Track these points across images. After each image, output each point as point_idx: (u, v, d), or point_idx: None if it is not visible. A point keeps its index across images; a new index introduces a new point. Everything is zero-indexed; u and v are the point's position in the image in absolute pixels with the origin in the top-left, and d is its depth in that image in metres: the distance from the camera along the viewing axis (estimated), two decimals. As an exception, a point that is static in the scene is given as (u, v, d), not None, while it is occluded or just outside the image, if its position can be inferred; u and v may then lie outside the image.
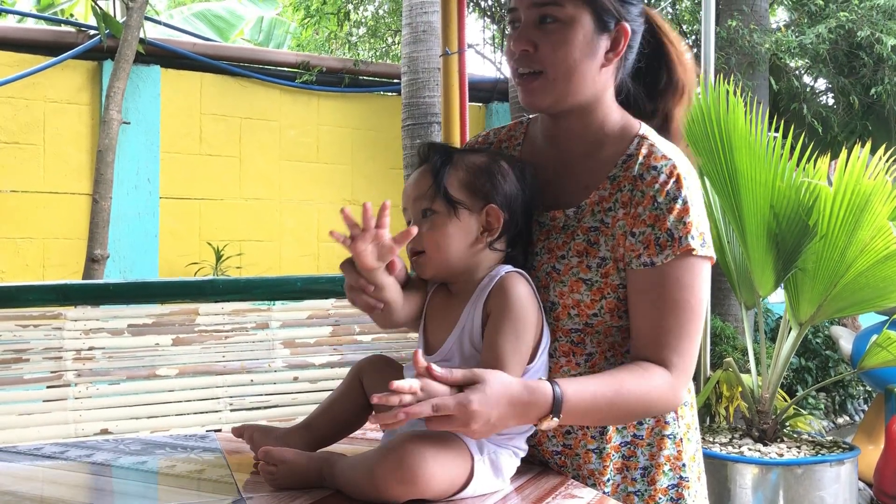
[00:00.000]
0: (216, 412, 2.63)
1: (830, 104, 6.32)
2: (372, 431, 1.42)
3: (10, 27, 5.99)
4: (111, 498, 1.26)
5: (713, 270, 1.31)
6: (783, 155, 3.03)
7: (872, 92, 5.70)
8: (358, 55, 7.69)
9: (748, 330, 3.55)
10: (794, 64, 6.21)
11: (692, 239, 1.22)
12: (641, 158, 1.27)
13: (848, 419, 6.14)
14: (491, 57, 9.50)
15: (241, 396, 2.66)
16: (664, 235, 1.22)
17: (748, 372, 3.45)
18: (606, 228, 1.27)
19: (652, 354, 1.21)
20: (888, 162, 2.98)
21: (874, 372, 3.86)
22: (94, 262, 5.15)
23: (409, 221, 1.27)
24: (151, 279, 5.17)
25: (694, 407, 1.38)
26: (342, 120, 6.52)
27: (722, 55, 5.25)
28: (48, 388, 2.46)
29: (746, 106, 3.04)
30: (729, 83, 3.11)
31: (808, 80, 6.45)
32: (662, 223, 1.23)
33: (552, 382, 1.12)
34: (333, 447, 1.30)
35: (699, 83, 3.17)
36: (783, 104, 5.96)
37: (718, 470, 3.07)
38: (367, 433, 1.42)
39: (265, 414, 2.67)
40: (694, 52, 6.09)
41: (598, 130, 1.32)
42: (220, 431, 1.67)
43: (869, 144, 3.05)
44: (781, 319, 3.47)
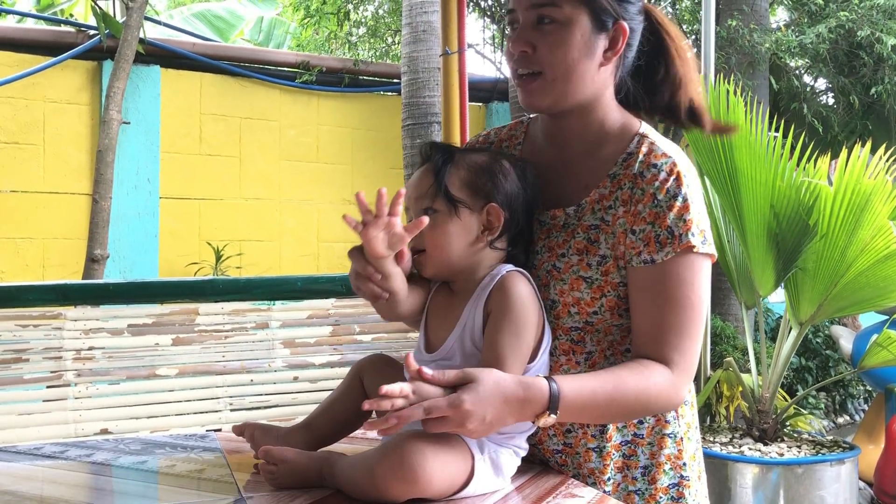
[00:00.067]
0: (216, 412, 2.63)
1: (831, 104, 6.32)
2: (372, 431, 1.42)
3: (9, 27, 5.99)
4: (111, 497, 1.26)
5: (713, 270, 1.31)
6: (783, 154, 3.03)
7: (872, 91, 5.70)
8: (358, 55, 7.69)
9: (748, 329, 3.55)
10: (794, 63, 6.21)
11: (692, 236, 1.22)
12: (642, 156, 1.27)
13: (848, 419, 6.14)
14: (491, 57, 9.50)
15: (241, 396, 2.66)
16: (664, 233, 1.22)
17: (748, 371, 3.45)
18: (607, 226, 1.27)
19: (652, 352, 1.21)
20: (888, 161, 2.98)
21: (874, 371, 3.86)
22: (93, 262, 5.15)
23: (410, 220, 1.26)
24: (151, 279, 5.17)
25: (694, 406, 1.38)
26: (342, 120, 6.52)
27: (722, 55, 5.24)
28: (48, 387, 2.45)
29: (746, 105, 3.04)
30: (729, 83, 3.11)
31: (808, 79, 6.45)
32: (663, 220, 1.23)
33: (548, 379, 1.12)
34: (334, 447, 1.30)
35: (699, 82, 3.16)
36: (783, 104, 5.96)
37: (719, 469, 3.07)
38: (367, 433, 1.41)
39: (265, 414, 2.67)
40: (694, 51, 6.09)
41: (598, 129, 1.32)
42: (220, 431, 1.67)
43: (869, 144, 3.05)
44: (782, 319, 3.47)
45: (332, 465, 1.17)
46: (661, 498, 1.30)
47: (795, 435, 3.40)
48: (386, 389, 1.04)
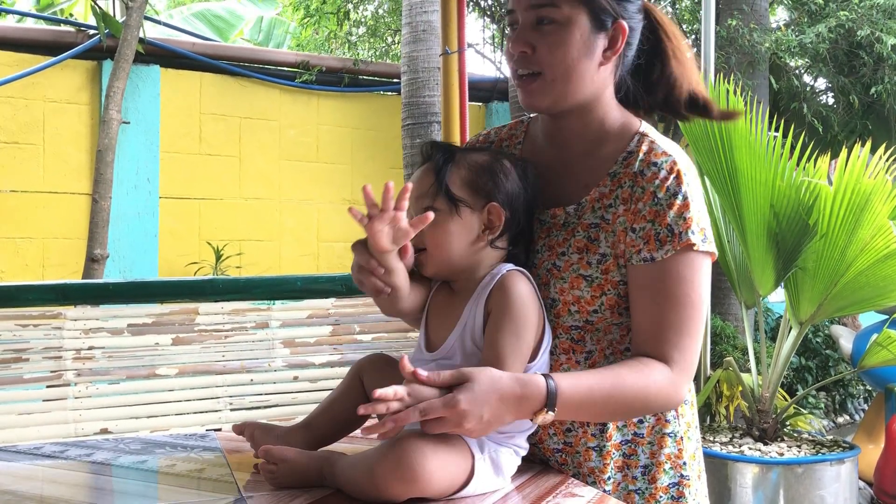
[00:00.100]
0: (216, 412, 2.63)
1: (830, 103, 6.32)
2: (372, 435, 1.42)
3: (9, 27, 5.99)
4: (111, 497, 1.26)
5: (713, 270, 1.31)
6: (783, 154, 3.03)
7: (872, 91, 5.70)
8: (358, 55, 7.68)
9: (748, 329, 3.55)
10: (794, 63, 6.21)
11: (692, 234, 1.22)
12: (642, 155, 1.28)
13: (848, 418, 6.15)
14: (491, 56, 9.51)
15: (240, 396, 2.66)
16: (664, 231, 1.22)
17: (748, 371, 3.45)
18: (607, 225, 1.27)
19: (652, 350, 1.21)
20: (888, 161, 2.98)
21: (874, 371, 3.86)
22: (93, 261, 5.15)
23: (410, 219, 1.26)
24: (151, 279, 5.17)
25: (694, 406, 1.38)
26: (342, 119, 6.52)
27: (722, 54, 5.24)
28: (48, 387, 2.45)
29: (746, 105, 3.04)
30: (729, 82, 3.10)
31: (808, 79, 6.45)
32: (662, 219, 1.23)
33: (546, 376, 1.12)
34: (334, 446, 1.30)
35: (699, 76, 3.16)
36: (783, 103, 5.96)
37: (719, 469, 3.07)
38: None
39: (265, 413, 2.67)
40: (694, 51, 6.09)
41: (598, 128, 1.32)
42: (220, 431, 1.67)
43: (869, 144, 3.05)
44: (782, 319, 3.47)
45: (332, 464, 1.17)
46: (661, 497, 1.30)
47: (795, 434, 3.40)
48: (379, 393, 1.04)
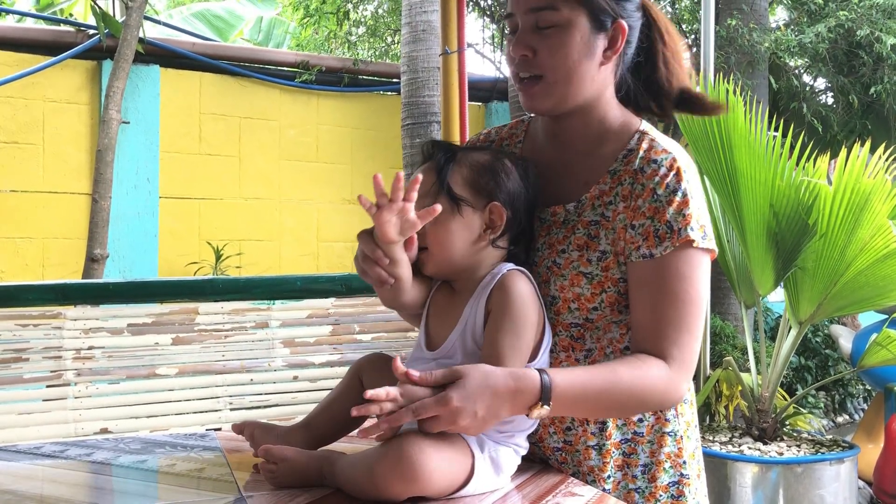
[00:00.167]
0: (216, 411, 2.63)
1: (830, 103, 6.32)
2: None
3: (9, 27, 5.99)
4: (111, 497, 1.26)
5: (713, 269, 1.30)
6: (783, 154, 3.03)
7: (872, 91, 5.70)
8: (357, 54, 7.69)
9: (748, 329, 3.55)
10: (793, 63, 6.21)
11: (692, 230, 1.22)
12: (642, 153, 1.28)
13: (848, 418, 6.15)
14: (490, 56, 9.51)
15: (240, 396, 2.66)
16: (663, 227, 1.23)
17: (748, 371, 3.45)
18: (607, 222, 1.27)
19: (651, 347, 1.21)
20: (888, 161, 2.98)
21: (874, 370, 3.87)
22: (93, 261, 5.15)
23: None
24: (151, 279, 5.17)
25: (694, 405, 1.38)
26: (342, 119, 6.52)
27: (721, 54, 5.24)
28: (48, 387, 2.46)
29: (746, 105, 3.03)
30: (728, 82, 3.10)
31: (807, 79, 6.45)
32: (662, 215, 1.23)
33: (540, 370, 1.12)
34: (333, 446, 1.30)
35: (699, 82, 3.17)
36: (783, 103, 5.96)
37: (718, 469, 3.07)
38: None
39: (265, 413, 2.67)
40: (693, 51, 6.09)
41: (598, 127, 1.32)
42: (219, 430, 1.67)
43: (868, 143, 3.05)
44: (781, 318, 3.47)
45: (332, 463, 1.17)
46: (661, 496, 1.30)
47: (795, 434, 3.40)
48: (371, 394, 1.04)
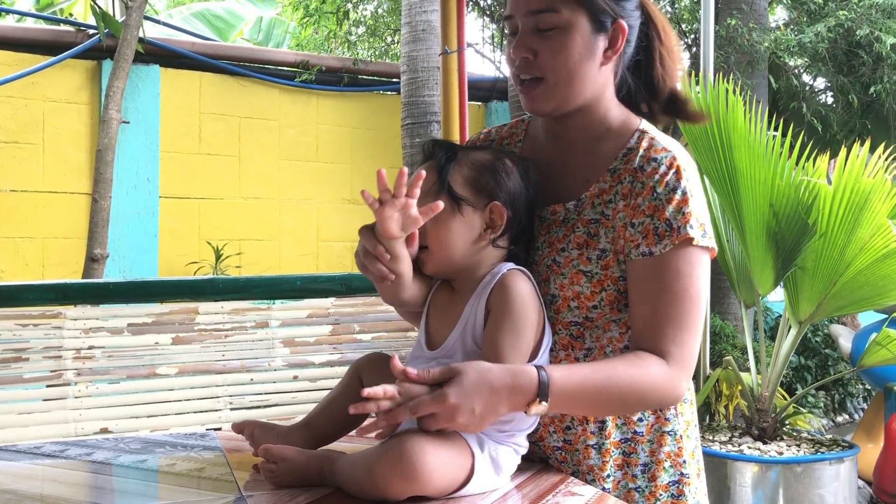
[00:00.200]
0: (216, 411, 2.63)
1: (829, 103, 6.32)
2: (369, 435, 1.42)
3: (9, 26, 5.99)
4: (111, 496, 1.26)
5: (713, 269, 1.30)
6: (782, 153, 3.03)
7: (871, 90, 5.70)
8: (357, 54, 7.69)
9: (748, 328, 3.55)
10: (793, 62, 6.21)
11: (691, 228, 1.22)
12: (642, 151, 1.28)
13: (847, 417, 6.15)
14: (490, 56, 9.51)
15: (240, 395, 2.66)
16: (663, 225, 1.23)
17: (748, 370, 3.45)
18: (607, 220, 1.27)
19: (650, 345, 1.21)
20: (887, 160, 2.98)
21: (873, 370, 3.87)
22: (93, 261, 5.15)
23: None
24: (151, 278, 5.17)
25: (693, 404, 1.38)
26: (341, 119, 6.52)
27: (721, 54, 5.24)
28: (48, 387, 2.46)
29: (746, 104, 3.03)
30: (728, 82, 3.10)
31: (807, 78, 6.45)
32: (661, 213, 1.23)
33: (537, 367, 1.12)
34: (333, 445, 1.30)
35: (699, 82, 3.17)
36: (782, 103, 5.96)
37: (718, 468, 3.07)
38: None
39: (265, 413, 2.67)
40: (693, 50, 6.10)
41: (599, 126, 1.32)
42: (220, 430, 1.67)
43: (868, 143, 3.04)
44: (781, 318, 3.47)
45: (332, 463, 1.17)
46: (661, 495, 1.30)
47: (795, 434, 3.40)
48: (368, 392, 1.04)
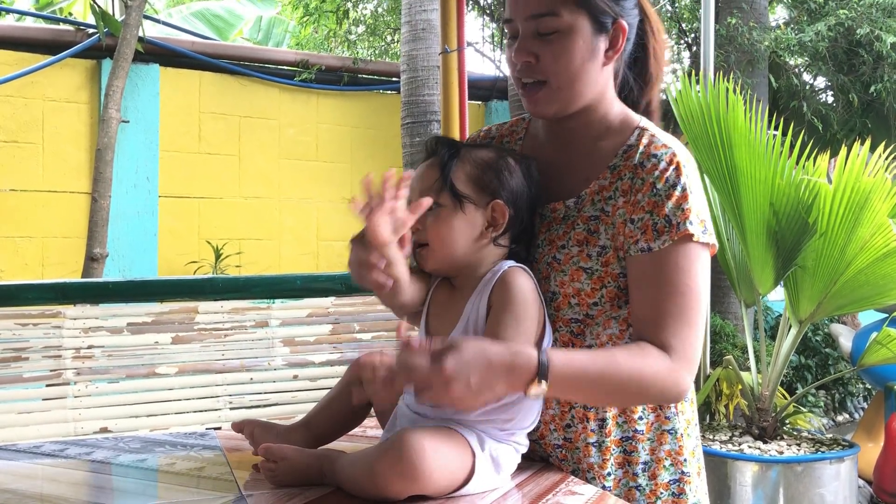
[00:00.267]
0: (216, 410, 2.63)
1: (830, 102, 6.32)
2: (372, 429, 1.42)
3: (8, 26, 5.98)
4: (111, 495, 1.26)
5: (713, 268, 1.30)
6: (783, 153, 3.03)
7: (872, 89, 5.70)
8: (357, 53, 7.69)
9: (748, 328, 3.55)
10: (793, 62, 6.21)
11: (690, 224, 1.22)
12: (642, 148, 1.28)
13: (848, 417, 6.15)
14: (490, 55, 9.51)
15: (240, 395, 2.66)
16: (662, 221, 1.23)
17: (748, 370, 3.45)
18: (607, 217, 1.27)
19: (651, 338, 1.20)
20: (888, 159, 2.98)
21: (874, 369, 3.87)
22: (93, 260, 5.15)
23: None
24: (151, 278, 5.16)
25: (694, 403, 1.38)
26: (341, 118, 6.52)
27: (721, 53, 5.24)
28: (48, 386, 2.46)
29: (746, 104, 3.03)
30: (728, 81, 3.10)
31: (807, 77, 6.45)
32: (661, 209, 1.23)
33: (539, 348, 1.11)
34: (333, 444, 1.30)
35: (699, 81, 3.17)
36: (783, 102, 5.96)
37: (718, 467, 3.07)
38: (366, 431, 1.41)
39: (265, 412, 2.67)
40: (693, 49, 6.10)
41: (600, 125, 1.33)
42: (219, 429, 1.67)
43: (868, 142, 3.04)
44: (781, 317, 3.47)
45: (332, 462, 1.17)
46: (661, 493, 1.30)
47: (795, 433, 3.40)
48: (365, 359, 1.04)
